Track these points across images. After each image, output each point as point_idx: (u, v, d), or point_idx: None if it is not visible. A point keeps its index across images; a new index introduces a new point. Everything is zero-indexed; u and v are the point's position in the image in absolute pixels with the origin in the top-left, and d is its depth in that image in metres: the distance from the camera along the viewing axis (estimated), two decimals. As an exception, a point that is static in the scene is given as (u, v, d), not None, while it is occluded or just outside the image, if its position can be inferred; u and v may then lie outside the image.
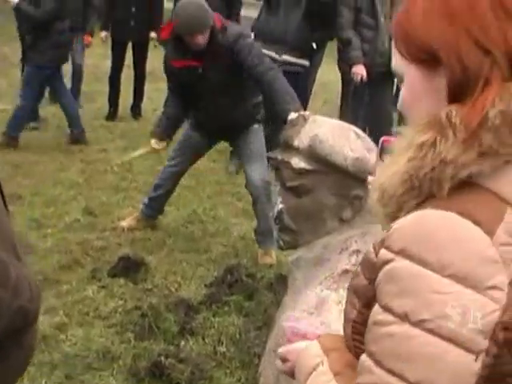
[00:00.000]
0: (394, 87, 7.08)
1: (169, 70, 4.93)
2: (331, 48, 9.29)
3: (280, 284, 4.38)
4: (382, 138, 1.62)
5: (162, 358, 3.68)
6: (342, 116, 7.56)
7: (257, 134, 4.99)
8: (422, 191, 1.16)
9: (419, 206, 1.17)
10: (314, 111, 9.17)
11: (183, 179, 5.58)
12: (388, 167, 1.21)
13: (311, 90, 7.84)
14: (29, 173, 6.59)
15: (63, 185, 6.35)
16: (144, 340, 3.93)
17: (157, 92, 9.18)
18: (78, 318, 4.18)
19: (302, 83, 6.86)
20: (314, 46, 6.93)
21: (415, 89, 1.22)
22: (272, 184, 4.91)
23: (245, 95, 4.84)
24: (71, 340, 3.94)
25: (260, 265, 4.93)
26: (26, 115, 7.51)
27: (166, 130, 5.09)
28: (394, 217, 1.20)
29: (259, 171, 4.94)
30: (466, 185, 1.14)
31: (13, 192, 5.87)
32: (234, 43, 4.56)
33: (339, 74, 8.01)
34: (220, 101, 4.77)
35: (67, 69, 9.16)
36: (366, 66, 6.55)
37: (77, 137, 7.58)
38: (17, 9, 7.36)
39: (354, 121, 6.46)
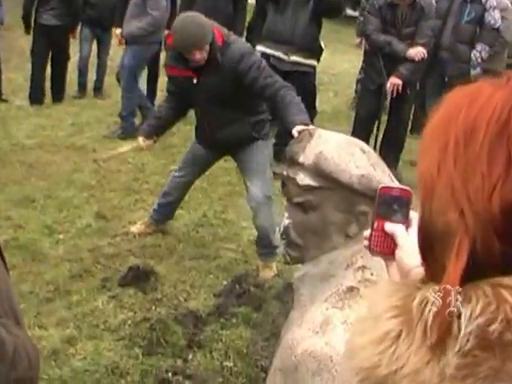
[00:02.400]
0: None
1: (168, 74, 4.96)
2: (346, 35, 9.18)
3: (288, 294, 4.40)
4: (381, 186, 1.34)
5: (170, 375, 3.74)
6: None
7: (260, 150, 4.86)
8: None
9: None
10: (324, 103, 9.23)
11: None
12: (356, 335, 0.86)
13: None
14: (43, 174, 6.62)
15: (76, 187, 6.38)
16: (152, 355, 3.97)
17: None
18: (88, 330, 4.22)
19: (310, 83, 6.85)
20: (323, 44, 6.88)
21: None
22: (272, 199, 4.92)
23: (245, 111, 4.72)
24: (81, 354, 3.98)
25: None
26: None
27: (153, 129, 5.07)
28: None
29: (260, 186, 4.84)
30: None
31: (26, 195, 5.97)
32: (238, 62, 4.44)
33: (354, 64, 7.98)
34: (216, 114, 4.70)
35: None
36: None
37: None
38: None
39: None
